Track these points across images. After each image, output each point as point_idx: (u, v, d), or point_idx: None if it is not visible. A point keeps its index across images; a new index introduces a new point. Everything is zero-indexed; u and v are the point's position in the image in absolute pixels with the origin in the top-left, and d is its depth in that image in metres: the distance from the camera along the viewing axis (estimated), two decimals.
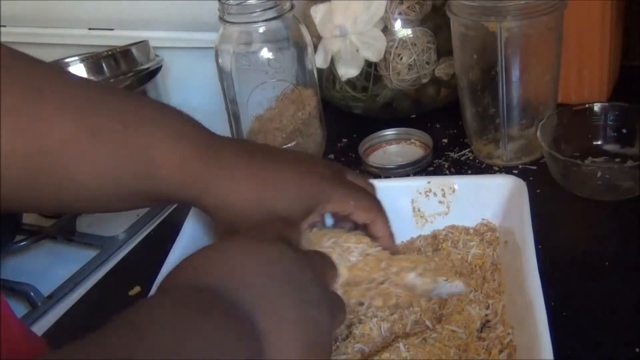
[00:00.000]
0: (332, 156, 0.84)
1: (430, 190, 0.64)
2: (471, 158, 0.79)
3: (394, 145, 0.83)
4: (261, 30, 0.74)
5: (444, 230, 0.63)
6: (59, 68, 0.51)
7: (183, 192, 0.51)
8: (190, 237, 0.60)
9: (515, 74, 0.71)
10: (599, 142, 0.74)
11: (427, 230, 0.64)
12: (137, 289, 0.65)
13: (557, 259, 0.60)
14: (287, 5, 0.74)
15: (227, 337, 0.35)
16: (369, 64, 0.84)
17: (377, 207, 0.56)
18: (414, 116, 0.88)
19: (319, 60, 0.84)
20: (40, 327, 0.65)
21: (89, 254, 0.74)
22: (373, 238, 0.54)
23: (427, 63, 0.83)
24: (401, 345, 0.50)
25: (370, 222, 0.55)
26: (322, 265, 0.47)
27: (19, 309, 0.68)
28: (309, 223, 0.53)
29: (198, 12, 0.97)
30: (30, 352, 0.47)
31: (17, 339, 0.46)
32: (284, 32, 0.76)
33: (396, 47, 0.82)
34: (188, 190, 0.51)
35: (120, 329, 0.32)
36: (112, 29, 1.08)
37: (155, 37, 0.99)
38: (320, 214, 0.54)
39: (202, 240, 0.60)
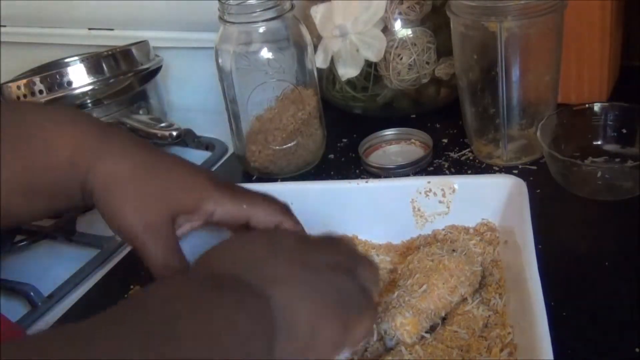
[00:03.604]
0: (332, 156, 0.84)
1: (430, 190, 0.64)
2: (471, 158, 0.79)
3: (394, 145, 0.83)
4: (261, 30, 0.74)
5: (444, 230, 0.63)
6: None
7: (72, 172, 0.50)
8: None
9: (515, 74, 0.71)
10: (599, 142, 0.74)
11: (427, 230, 0.64)
12: (137, 289, 0.65)
13: (557, 259, 0.60)
14: (287, 5, 0.74)
15: (240, 315, 0.36)
16: (369, 64, 0.84)
17: (281, 208, 0.52)
18: (414, 116, 0.88)
19: (319, 60, 0.84)
20: (40, 327, 0.64)
21: (89, 254, 0.74)
22: None
23: (427, 63, 0.83)
24: (403, 348, 0.50)
25: (277, 225, 0.51)
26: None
27: (19, 309, 0.68)
28: (193, 226, 0.52)
29: (198, 12, 0.96)
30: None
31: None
32: (284, 32, 0.76)
33: (396, 47, 0.82)
34: (77, 167, 0.50)
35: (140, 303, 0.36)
36: (112, 29, 1.08)
37: (155, 37, 0.99)
38: (205, 217, 0.51)
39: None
